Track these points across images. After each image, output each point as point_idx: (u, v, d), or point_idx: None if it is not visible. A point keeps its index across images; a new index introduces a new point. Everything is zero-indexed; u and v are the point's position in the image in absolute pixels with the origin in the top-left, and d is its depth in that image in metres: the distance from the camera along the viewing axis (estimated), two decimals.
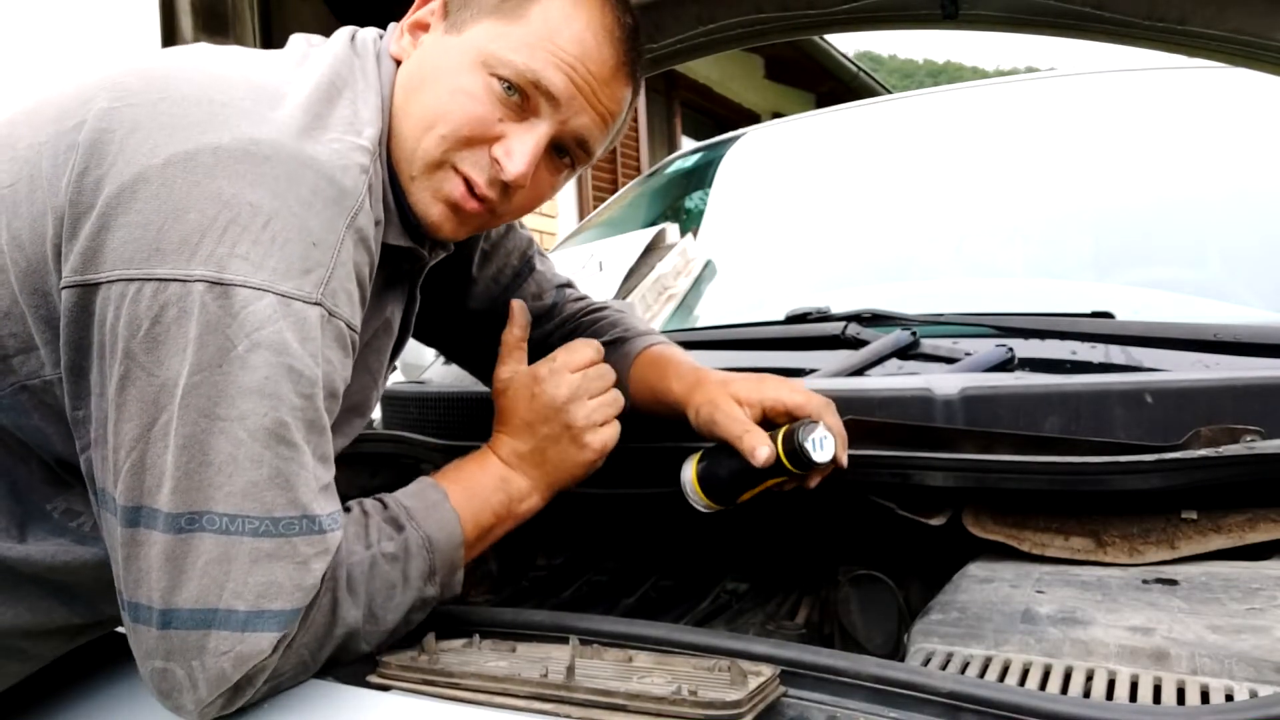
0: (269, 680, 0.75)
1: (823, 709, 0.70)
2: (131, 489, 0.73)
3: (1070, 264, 1.64)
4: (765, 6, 1.49)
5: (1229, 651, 0.72)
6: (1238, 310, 1.41)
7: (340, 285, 0.79)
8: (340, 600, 0.79)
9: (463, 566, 0.90)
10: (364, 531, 0.85)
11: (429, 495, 0.91)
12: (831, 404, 1.03)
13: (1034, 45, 56.46)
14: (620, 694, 0.69)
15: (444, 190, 0.91)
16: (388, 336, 1.01)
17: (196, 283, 0.71)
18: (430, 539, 0.87)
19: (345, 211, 0.80)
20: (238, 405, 0.72)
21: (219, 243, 0.72)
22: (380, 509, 0.88)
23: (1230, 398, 1.01)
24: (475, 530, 0.93)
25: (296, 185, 0.77)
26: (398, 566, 0.84)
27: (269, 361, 0.73)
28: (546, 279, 1.27)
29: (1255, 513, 0.93)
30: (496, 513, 0.96)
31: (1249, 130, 1.68)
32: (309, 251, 0.76)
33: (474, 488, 0.95)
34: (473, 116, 0.89)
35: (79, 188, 0.75)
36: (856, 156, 2.12)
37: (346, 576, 0.80)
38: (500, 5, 0.91)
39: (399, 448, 1.46)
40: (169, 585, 0.72)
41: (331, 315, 0.78)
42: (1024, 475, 0.97)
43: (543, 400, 1.00)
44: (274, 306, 0.73)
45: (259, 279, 0.73)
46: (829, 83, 9.11)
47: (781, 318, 1.49)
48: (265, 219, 0.74)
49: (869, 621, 1.07)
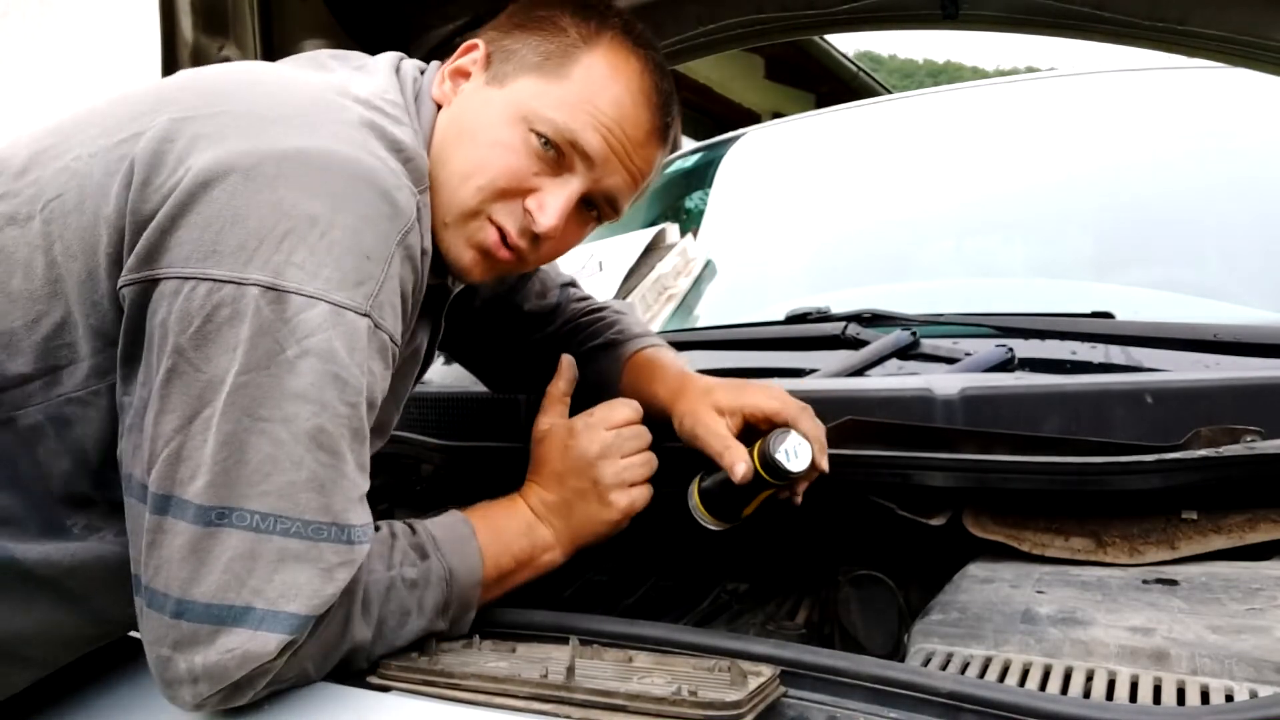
0: (269, 685, 0.75)
1: (823, 709, 0.70)
2: (165, 478, 0.73)
3: (1070, 264, 1.64)
4: (765, 6, 1.49)
5: (1229, 651, 0.72)
6: (1238, 310, 1.41)
7: (387, 299, 0.80)
8: (353, 616, 0.79)
9: (475, 607, 0.89)
10: (388, 552, 0.85)
11: (459, 529, 0.91)
12: (808, 408, 1.03)
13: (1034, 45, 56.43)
14: (620, 694, 0.69)
15: (477, 238, 0.94)
16: (414, 363, 1.03)
17: (252, 286, 0.73)
18: (452, 572, 0.86)
19: (397, 229, 0.81)
20: (283, 408, 0.73)
21: (276, 250, 0.74)
22: (408, 534, 0.88)
23: (1230, 398, 1.01)
24: (495, 572, 0.92)
25: (354, 199, 0.78)
26: (415, 594, 0.84)
27: (317, 368, 0.74)
28: (550, 278, 1.28)
29: (1255, 513, 0.93)
30: (518, 558, 0.94)
31: (1249, 130, 1.68)
32: (362, 264, 0.77)
33: (500, 530, 0.94)
34: (510, 169, 0.92)
35: (141, 197, 0.76)
36: (856, 156, 2.12)
37: (365, 592, 0.80)
38: (543, 64, 0.93)
39: (399, 448, 1.46)
40: (189, 576, 0.72)
41: (378, 327, 0.79)
42: (1024, 475, 0.97)
43: (574, 454, 0.99)
44: (326, 315, 0.75)
45: (313, 287, 0.74)
46: (829, 83, 9.09)
47: (781, 318, 1.49)
48: (322, 229, 0.76)
49: (869, 621, 1.07)
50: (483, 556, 0.90)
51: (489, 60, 0.96)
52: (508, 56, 0.95)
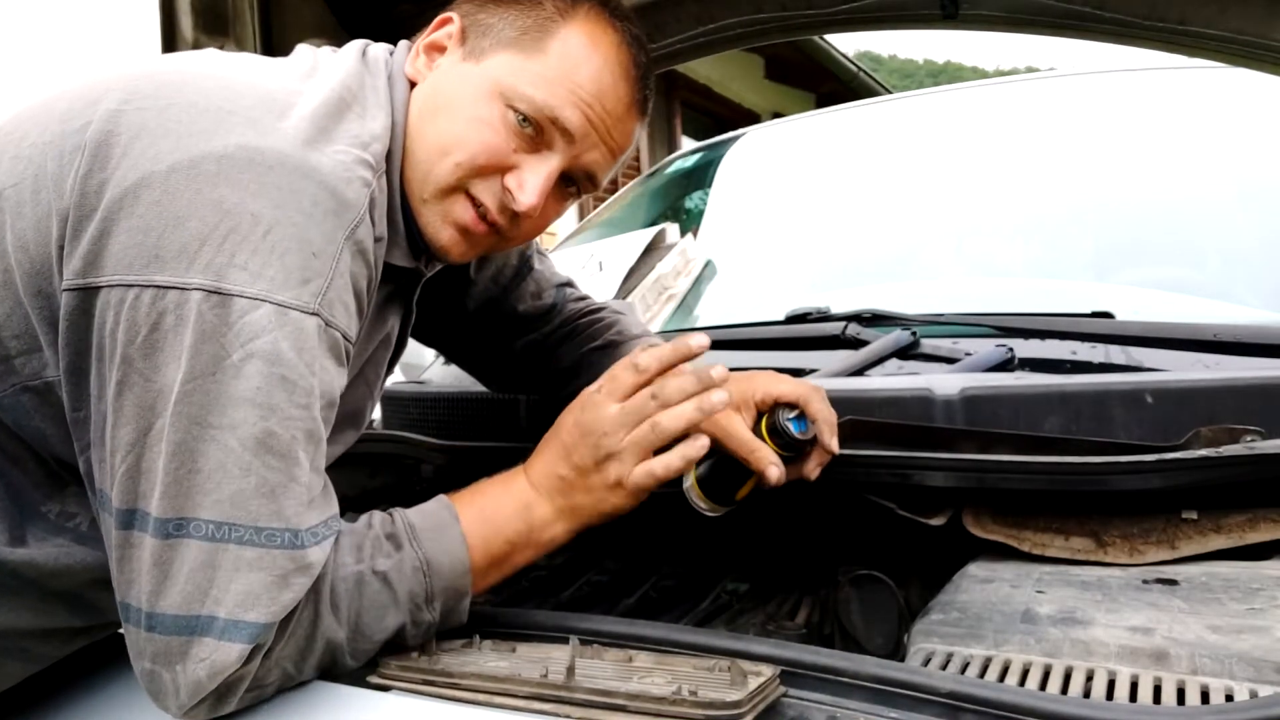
0: (251, 689, 0.75)
1: (823, 709, 0.70)
2: (126, 492, 0.73)
3: (1070, 264, 1.64)
4: (765, 6, 1.49)
5: (1229, 651, 0.72)
6: (1238, 310, 1.41)
7: (337, 296, 0.79)
8: (321, 614, 0.78)
9: (470, 594, 0.86)
10: (361, 544, 0.82)
11: (439, 516, 0.87)
12: (821, 390, 1.03)
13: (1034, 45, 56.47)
14: (620, 694, 0.69)
15: (454, 214, 0.93)
16: (386, 350, 1.02)
17: (194, 290, 0.72)
18: (429, 562, 0.83)
19: (345, 223, 0.80)
20: (229, 414, 0.72)
21: (218, 251, 0.73)
22: (385, 523, 0.86)
23: (1230, 398, 1.01)
24: (486, 558, 0.88)
25: (298, 196, 0.77)
26: (389, 586, 0.81)
27: (263, 372, 0.73)
28: (546, 278, 1.27)
29: (1255, 513, 0.93)
30: (512, 541, 0.90)
31: (1249, 130, 1.68)
32: (308, 262, 0.76)
33: (490, 512, 0.90)
34: (488, 146, 0.91)
35: (83, 189, 0.75)
36: (856, 156, 2.12)
37: (331, 590, 0.79)
38: (519, 38, 0.92)
39: (399, 448, 1.46)
40: (154, 589, 0.72)
41: (328, 325, 0.78)
42: (1024, 475, 0.97)
43: (582, 427, 0.92)
44: (270, 316, 0.74)
45: (256, 289, 0.73)
46: (829, 83, 9.10)
47: (781, 318, 1.49)
48: (265, 229, 0.75)
49: (869, 621, 1.07)
50: (468, 542, 0.86)
51: (464, 35, 0.94)
52: (484, 31, 0.93)
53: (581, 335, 1.25)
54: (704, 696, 0.67)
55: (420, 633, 0.84)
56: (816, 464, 1.02)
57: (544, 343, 1.25)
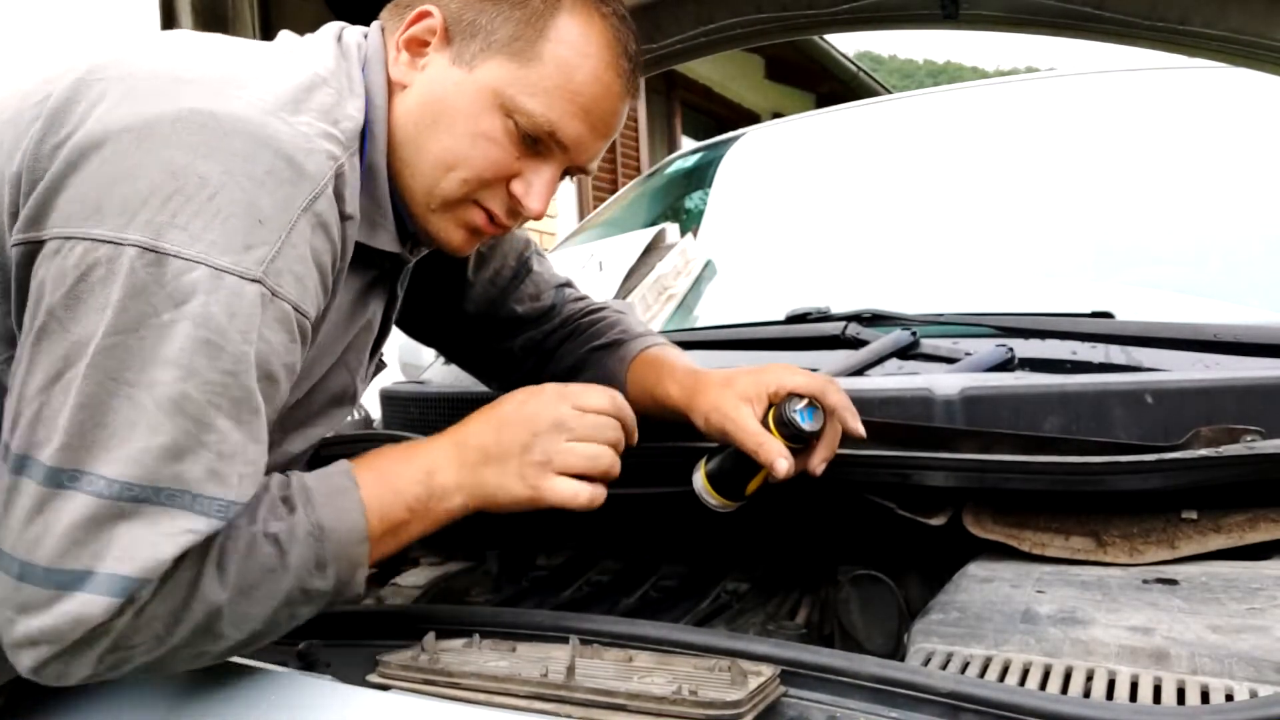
0: (114, 650, 0.73)
1: (823, 709, 0.70)
2: (25, 439, 0.72)
3: (1070, 264, 1.64)
4: (765, 6, 1.49)
5: (1229, 651, 0.72)
6: (1238, 310, 1.41)
7: (288, 267, 0.77)
8: (204, 574, 0.75)
9: (366, 563, 0.83)
10: (255, 506, 0.79)
11: (336, 480, 0.84)
12: (835, 382, 1.03)
13: (1034, 45, 56.46)
14: (621, 694, 0.69)
15: (466, 219, 0.95)
16: (369, 335, 1.01)
17: (130, 247, 0.71)
18: (323, 527, 0.80)
19: (303, 195, 0.79)
20: (149, 373, 0.71)
21: (160, 210, 0.72)
22: (282, 485, 0.82)
23: (1230, 398, 1.02)
24: (383, 525, 0.84)
25: (251, 162, 0.76)
26: (279, 550, 0.78)
27: (189, 334, 0.72)
28: (544, 279, 1.26)
29: (1255, 513, 0.93)
30: (411, 507, 0.86)
31: (1249, 130, 1.68)
32: (253, 228, 0.75)
33: (390, 477, 0.86)
34: (494, 162, 0.92)
35: (36, 154, 0.75)
36: (856, 156, 2.12)
37: (220, 551, 0.75)
38: (511, 44, 0.91)
39: None
40: (33, 539, 0.71)
41: (275, 295, 0.76)
42: (1024, 475, 0.97)
43: (525, 411, 0.91)
44: (206, 279, 0.72)
45: (194, 250, 0.72)
46: (829, 83, 9.10)
47: (781, 318, 1.49)
48: (212, 192, 0.74)
49: (869, 621, 1.07)
50: (367, 508, 0.83)
51: (449, 34, 0.93)
52: (471, 32, 0.92)
53: (584, 334, 1.24)
54: (704, 696, 0.67)
55: (312, 604, 0.80)
56: (821, 459, 1.01)
57: (544, 342, 1.25)
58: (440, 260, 1.18)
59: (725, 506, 1.05)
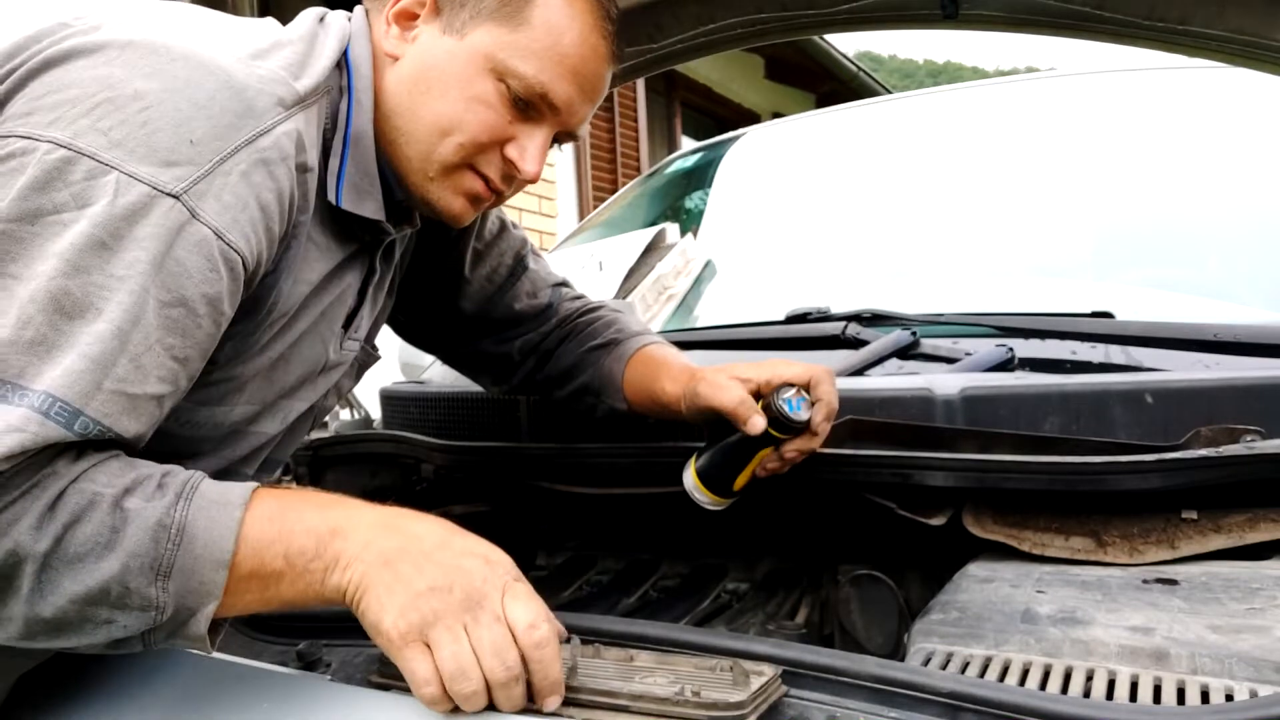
0: None
1: (823, 709, 0.70)
2: None
3: (1070, 264, 1.64)
4: (765, 6, 1.49)
5: (1229, 651, 0.72)
6: (1238, 310, 1.41)
7: (216, 194, 0.74)
8: (27, 507, 0.66)
9: (217, 597, 0.70)
10: (126, 471, 0.71)
11: (229, 494, 0.73)
12: (831, 373, 1.05)
13: (1034, 45, 56.43)
14: (623, 695, 0.69)
15: (464, 186, 0.95)
16: (342, 306, 1.00)
17: (45, 142, 0.71)
18: (183, 529, 0.70)
19: (246, 130, 0.77)
20: (34, 266, 0.68)
21: (86, 115, 0.72)
22: (174, 473, 0.74)
23: (1230, 398, 1.02)
24: (252, 562, 0.72)
25: (195, 87, 0.75)
26: (119, 527, 0.68)
27: (85, 232, 0.69)
28: (541, 278, 1.27)
29: (1255, 513, 0.93)
30: (291, 561, 0.73)
31: (1249, 130, 1.68)
32: (181, 146, 0.73)
33: (288, 516, 0.74)
34: (488, 126, 0.92)
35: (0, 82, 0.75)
36: (857, 156, 2.12)
37: (57, 495, 0.67)
38: (500, 9, 0.92)
39: (399, 448, 1.47)
40: None
41: (194, 216, 0.73)
42: (1024, 475, 0.97)
43: (463, 565, 0.73)
44: (115, 185, 0.70)
45: (110, 155, 0.71)
46: (829, 83, 9.10)
47: (781, 318, 1.49)
48: (144, 105, 0.73)
49: (869, 621, 1.07)
50: (241, 532, 0.71)
51: (437, 5, 0.94)
52: (460, 1, 0.93)
53: (582, 334, 1.25)
54: (707, 697, 0.67)
55: (130, 616, 0.69)
56: (796, 449, 1.03)
57: (542, 343, 1.26)
58: (436, 258, 1.19)
59: (716, 504, 1.06)
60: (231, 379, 0.87)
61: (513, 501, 1.42)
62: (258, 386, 0.91)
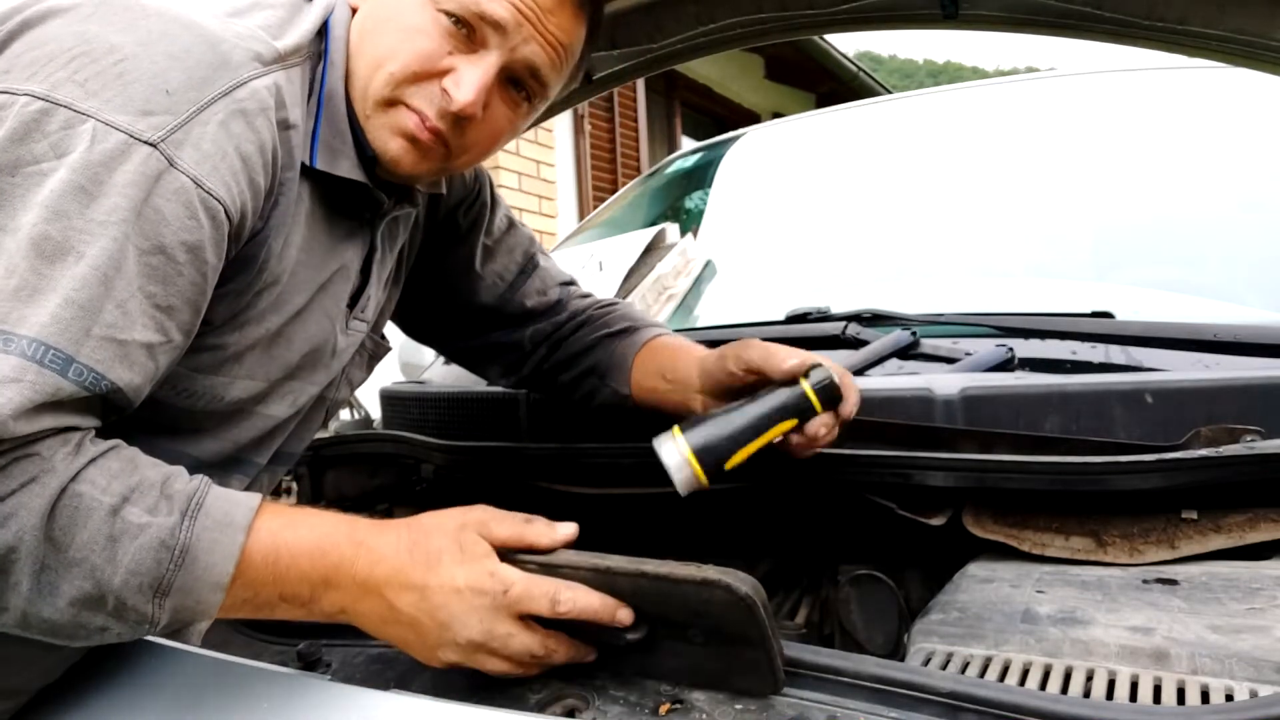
0: None
1: (823, 709, 0.70)
2: None
3: (1070, 264, 1.64)
4: (765, 6, 1.49)
5: (1229, 651, 0.72)
6: (1238, 310, 1.41)
7: (194, 143, 0.75)
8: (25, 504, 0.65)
9: (206, 621, 0.73)
10: (123, 475, 0.70)
11: (233, 514, 0.73)
12: (848, 373, 1.05)
13: (1034, 45, 56.46)
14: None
15: (398, 123, 0.92)
16: (345, 283, 1.00)
17: (23, 95, 0.71)
18: (188, 553, 0.70)
19: (222, 81, 0.78)
20: (18, 217, 0.69)
21: (63, 68, 0.73)
22: (179, 479, 0.73)
23: (1230, 398, 1.01)
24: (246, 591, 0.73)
25: (170, 40, 0.76)
26: (117, 537, 0.68)
27: (65, 180, 0.70)
28: (550, 276, 1.29)
29: (1255, 513, 0.93)
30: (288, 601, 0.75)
31: (1249, 130, 1.68)
32: (157, 95, 0.74)
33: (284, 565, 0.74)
34: (420, 52, 0.90)
35: None
36: (856, 156, 2.12)
37: (58, 493, 0.66)
38: None
39: (399, 448, 1.47)
40: None
41: (172, 164, 0.73)
42: (1024, 475, 0.97)
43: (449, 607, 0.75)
44: (92, 133, 0.71)
45: (86, 105, 0.72)
46: (829, 83, 9.10)
47: (781, 318, 1.49)
48: (119, 58, 0.74)
49: (869, 621, 1.07)
50: (241, 561, 0.72)
51: None
52: None
53: (596, 322, 1.27)
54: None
55: (125, 628, 0.71)
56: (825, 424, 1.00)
57: (554, 333, 1.27)
58: (446, 253, 1.20)
59: (697, 483, 0.96)
60: (226, 346, 0.86)
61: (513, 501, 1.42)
62: (257, 360, 0.90)
